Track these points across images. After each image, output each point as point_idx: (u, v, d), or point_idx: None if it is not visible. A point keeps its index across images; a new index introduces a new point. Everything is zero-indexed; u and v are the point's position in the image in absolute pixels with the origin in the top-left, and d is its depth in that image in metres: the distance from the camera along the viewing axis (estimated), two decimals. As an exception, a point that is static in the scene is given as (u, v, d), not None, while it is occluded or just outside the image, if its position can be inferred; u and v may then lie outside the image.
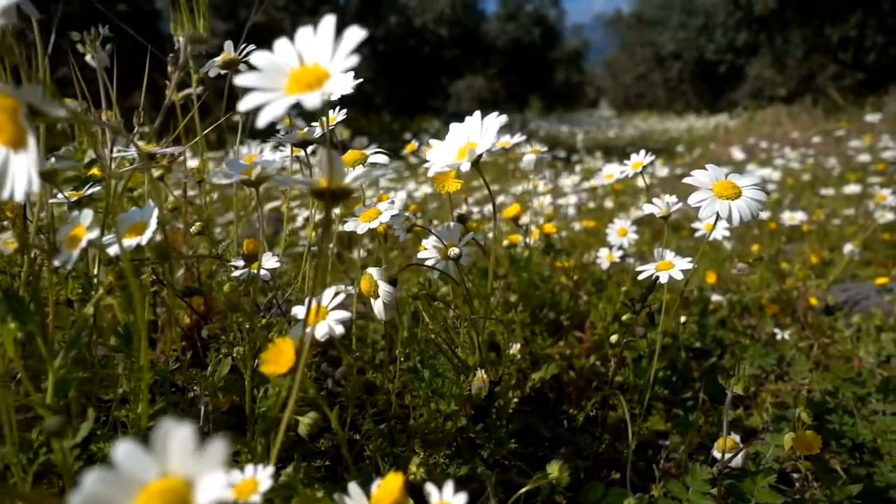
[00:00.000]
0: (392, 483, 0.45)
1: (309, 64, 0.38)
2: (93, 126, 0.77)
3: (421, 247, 0.82)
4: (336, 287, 0.61)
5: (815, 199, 2.94)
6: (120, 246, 0.49)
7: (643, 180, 1.06)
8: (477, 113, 0.66)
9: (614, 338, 0.94)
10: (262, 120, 0.35)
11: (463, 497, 0.45)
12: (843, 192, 2.64)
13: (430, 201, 2.42)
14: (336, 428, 0.53)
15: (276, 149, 0.85)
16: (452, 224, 0.81)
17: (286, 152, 0.87)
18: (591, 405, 0.93)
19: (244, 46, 0.77)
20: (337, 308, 0.58)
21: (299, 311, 0.66)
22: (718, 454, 0.76)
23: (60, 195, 0.68)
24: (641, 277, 0.82)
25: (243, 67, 0.77)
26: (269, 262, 0.74)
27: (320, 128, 0.79)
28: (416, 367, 0.75)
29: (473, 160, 0.62)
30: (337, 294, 0.58)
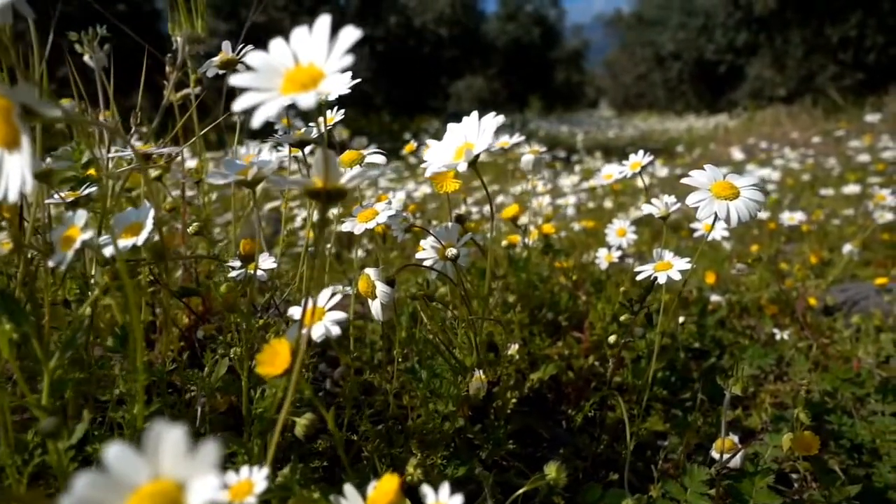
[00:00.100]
0: (388, 485, 0.45)
1: (304, 64, 0.38)
2: (89, 126, 0.77)
3: (419, 247, 0.81)
4: (333, 287, 0.61)
5: (815, 200, 2.94)
6: (115, 246, 0.49)
7: (642, 181, 1.06)
8: (474, 113, 0.66)
9: (613, 338, 0.94)
10: (257, 120, 0.35)
11: (459, 498, 0.45)
12: (843, 193, 2.64)
13: (429, 201, 2.42)
14: (333, 429, 0.52)
15: (275, 149, 0.85)
16: (451, 224, 0.81)
17: (285, 152, 0.87)
18: (590, 406, 0.92)
19: (242, 46, 0.77)
20: (334, 309, 0.57)
21: (296, 312, 0.66)
22: (717, 455, 0.75)
23: (57, 195, 0.68)
24: (640, 278, 0.82)
25: (240, 67, 0.77)
26: (267, 263, 0.73)
27: (318, 128, 0.79)
28: (414, 368, 0.74)
29: (470, 160, 0.62)
30: (334, 294, 0.58)
